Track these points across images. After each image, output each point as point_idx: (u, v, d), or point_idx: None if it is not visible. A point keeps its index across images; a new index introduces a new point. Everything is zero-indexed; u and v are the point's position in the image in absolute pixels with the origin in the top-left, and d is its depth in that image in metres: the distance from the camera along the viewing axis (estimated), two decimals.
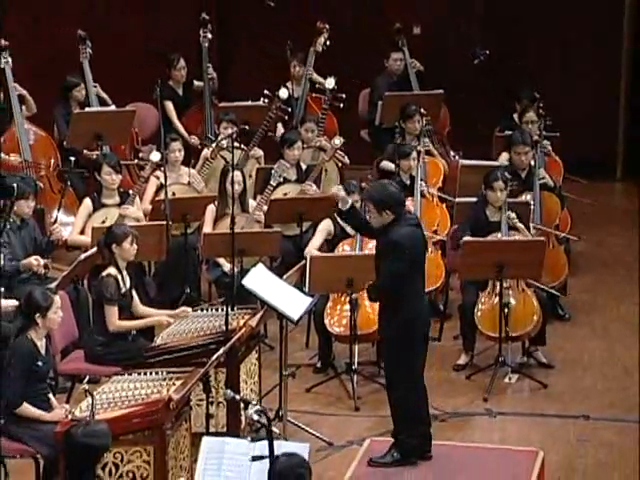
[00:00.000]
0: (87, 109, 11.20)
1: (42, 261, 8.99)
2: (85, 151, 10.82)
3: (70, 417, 6.74)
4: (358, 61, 12.71)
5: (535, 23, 13.49)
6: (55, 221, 10.00)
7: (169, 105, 11.51)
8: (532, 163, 10.15)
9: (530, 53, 13.57)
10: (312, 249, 9.31)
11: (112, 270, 8.34)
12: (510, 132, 10.66)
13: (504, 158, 10.56)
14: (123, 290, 8.33)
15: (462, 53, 13.15)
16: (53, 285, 8.31)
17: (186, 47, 11.95)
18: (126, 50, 12.92)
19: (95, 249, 8.86)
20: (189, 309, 8.41)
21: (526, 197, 9.91)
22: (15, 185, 9.05)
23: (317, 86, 11.78)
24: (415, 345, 7.45)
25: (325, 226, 9.41)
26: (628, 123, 13.73)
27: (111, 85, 11.55)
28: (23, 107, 10.94)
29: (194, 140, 11.38)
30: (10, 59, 10.85)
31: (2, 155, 10.68)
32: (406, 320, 7.33)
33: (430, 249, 9.73)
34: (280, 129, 11.36)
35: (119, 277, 8.33)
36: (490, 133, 11.47)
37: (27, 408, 7.20)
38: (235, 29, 13.62)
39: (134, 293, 8.47)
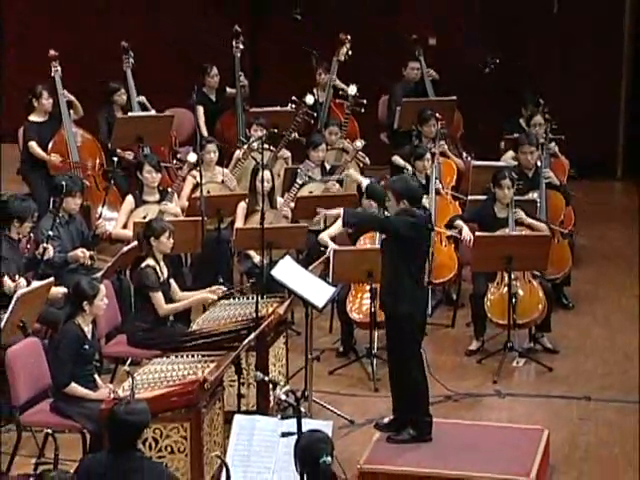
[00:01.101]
0: (130, 114, 11.24)
1: (88, 253, 9.04)
2: (119, 151, 10.87)
3: (113, 396, 6.77)
4: (377, 69, 12.68)
5: (535, 23, 13.14)
6: (100, 216, 10.08)
7: (199, 109, 11.54)
8: (539, 163, 10.14)
9: (530, 53, 13.21)
10: (325, 235, 9.33)
11: (150, 261, 8.39)
12: (517, 134, 10.67)
13: (509, 156, 10.61)
14: (161, 279, 8.38)
15: (464, 54, 12.98)
16: (98, 275, 8.37)
17: (220, 57, 11.98)
18: (164, 59, 12.96)
19: (137, 242, 8.92)
20: (222, 287, 8.45)
21: (533, 195, 9.90)
22: (64, 183, 9.16)
23: (340, 92, 11.79)
24: (415, 329, 7.42)
25: None
26: (628, 123, 13.43)
27: (151, 91, 11.60)
28: (71, 111, 10.98)
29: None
30: (59, 67, 10.90)
31: (45, 155, 10.72)
32: (395, 294, 7.32)
33: (444, 243, 9.76)
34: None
35: (157, 267, 8.37)
36: (491, 133, 11.41)
37: (75, 387, 7.26)
38: (265, 40, 13.63)
39: (172, 281, 8.52)
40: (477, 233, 9.20)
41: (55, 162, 10.69)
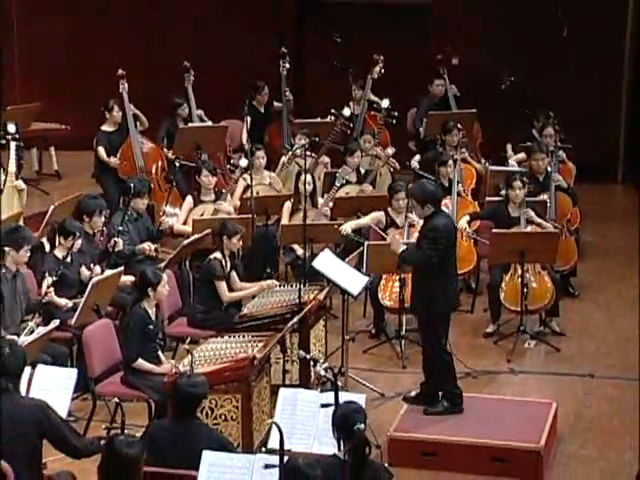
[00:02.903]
0: (190, 125, 11.30)
1: (153, 246, 9.10)
2: (164, 149, 10.93)
3: (175, 370, 6.81)
4: (407, 85, 12.63)
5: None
6: (163, 214, 10.13)
7: (248, 121, 11.57)
8: (549, 169, 10.11)
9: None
10: (348, 225, 9.31)
11: (218, 254, 8.44)
12: (529, 143, 10.66)
13: (516, 158, 10.62)
14: (225, 271, 8.42)
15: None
16: (162, 265, 8.42)
17: (269, 74, 12.00)
18: (220, 77, 12.98)
19: (196, 236, 8.97)
20: (276, 282, 8.48)
21: (543, 197, 9.87)
22: (132, 185, 9.22)
23: (374, 105, 11.79)
24: (441, 318, 7.42)
25: (376, 215, 9.39)
26: (629, 127, 12.97)
27: (208, 105, 11.64)
28: (137, 123, 11.05)
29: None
30: (126, 85, 10.97)
31: (107, 158, 10.73)
32: (430, 297, 7.31)
33: (464, 238, 9.72)
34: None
35: (222, 261, 8.42)
36: (501, 139, 11.33)
37: (142, 363, 7.32)
38: (308, 60, 13.62)
39: (233, 273, 8.54)
40: (493, 230, 9.19)
41: (114, 164, 10.75)
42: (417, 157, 10.96)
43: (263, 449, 6.43)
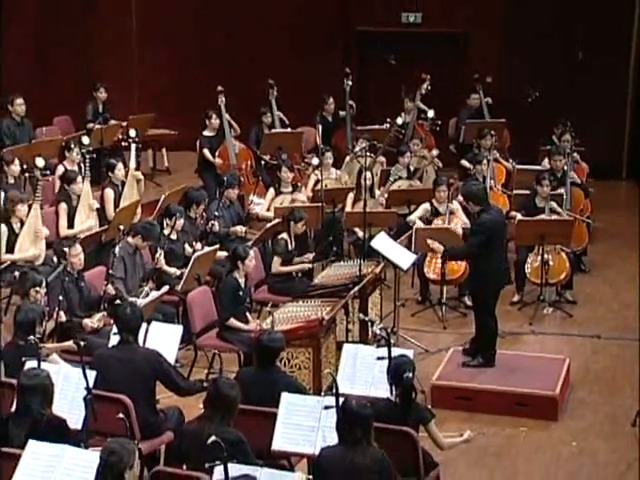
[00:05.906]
0: (273, 130, 11.32)
1: (243, 228, 9.15)
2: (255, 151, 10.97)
3: (259, 328, 6.87)
4: (449, 98, 12.47)
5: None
6: (251, 202, 10.17)
7: (319, 127, 11.53)
8: (565, 168, 9.96)
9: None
10: (412, 217, 9.29)
11: (285, 235, 8.43)
12: (550, 146, 10.51)
13: (546, 162, 10.46)
14: (289, 248, 8.42)
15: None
16: (249, 243, 8.47)
17: (336, 89, 11.96)
18: (299, 92, 12.96)
19: (277, 221, 9.00)
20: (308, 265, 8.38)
21: (560, 190, 9.73)
22: (226, 179, 9.28)
23: (422, 115, 11.69)
24: (489, 294, 7.38)
25: (424, 206, 9.31)
26: (632, 132, 12.51)
27: (288, 114, 11.65)
28: (231, 129, 11.11)
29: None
30: (224, 98, 11.02)
31: (212, 158, 10.73)
32: (482, 279, 7.28)
33: None
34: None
35: (288, 241, 8.42)
36: (523, 141, 11.08)
37: (233, 322, 7.37)
38: (368, 78, 13.53)
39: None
40: (519, 217, 9.10)
41: (218, 163, 10.84)
42: (464, 161, 10.85)
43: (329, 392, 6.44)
